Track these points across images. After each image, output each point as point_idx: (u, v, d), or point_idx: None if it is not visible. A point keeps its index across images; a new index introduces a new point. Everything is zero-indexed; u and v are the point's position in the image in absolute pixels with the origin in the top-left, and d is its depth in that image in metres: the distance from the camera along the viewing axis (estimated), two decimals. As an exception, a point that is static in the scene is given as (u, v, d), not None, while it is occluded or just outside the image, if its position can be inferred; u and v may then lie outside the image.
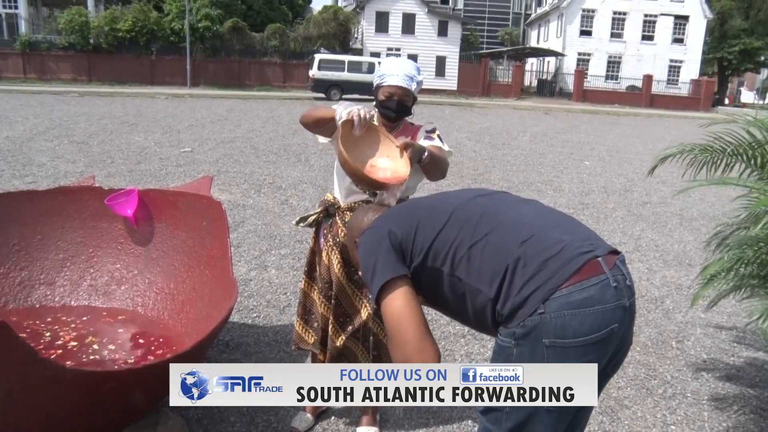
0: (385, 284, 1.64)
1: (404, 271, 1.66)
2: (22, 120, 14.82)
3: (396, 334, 1.63)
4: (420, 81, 2.64)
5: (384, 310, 1.67)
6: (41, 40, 32.73)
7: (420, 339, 1.59)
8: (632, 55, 40.16)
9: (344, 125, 2.26)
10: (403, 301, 1.62)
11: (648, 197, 8.99)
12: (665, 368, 3.78)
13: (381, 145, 2.35)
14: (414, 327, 1.60)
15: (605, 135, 18.36)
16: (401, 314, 1.61)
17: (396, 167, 2.30)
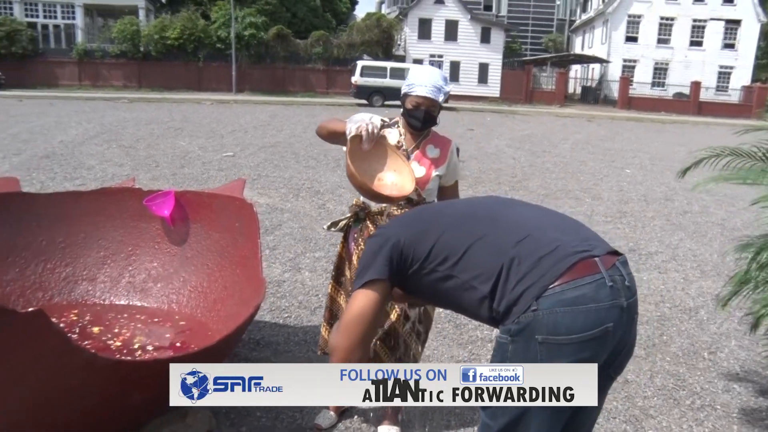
0: (367, 282, 1.75)
1: (386, 277, 1.75)
2: (76, 125, 15.37)
3: (347, 324, 1.75)
4: (447, 91, 2.69)
5: (353, 299, 1.78)
6: (95, 48, 33.90)
7: (359, 342, 1.74)
8: (680, 62, 39.34)
9: (353, 140, 2.35)
10: (372, 306, 1.74)
11: (689, 206, 8.83)
12: (695, 379, 3.74)
13: (389, 159, 2.45)
14: (362, 331, 1.73)
15: (649, 143, 18.05)
16: (363, 314, 1.73)
17: (402, 183, 2.39)
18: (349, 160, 2.30)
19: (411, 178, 2.43)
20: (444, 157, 2.75)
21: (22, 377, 1.93)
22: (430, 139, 2.77)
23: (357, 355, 1.73)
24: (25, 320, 1.79)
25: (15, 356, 1.87)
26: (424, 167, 2.69)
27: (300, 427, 2.98)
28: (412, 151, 2.73)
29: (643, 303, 4.88)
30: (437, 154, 2.74)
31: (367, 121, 2.46)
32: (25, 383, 1.95)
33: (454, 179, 2.84)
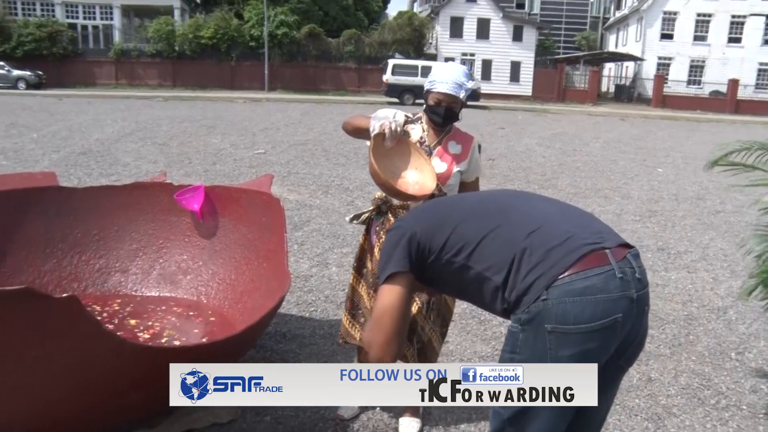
0: (390, 276, 1.78)
1: (408, 269, 1.78)
2: (112, 123, 15.72)
3: (377, 320, 1.79)
4: (469, 88, 2.72)
5: (379, 295, 1.82)
6: (132, 48, 34.59)
7: (392, 336, 1.75)
8: (717, 59, 38.52)
9: (376, 137, 2.41)
10: (398, 298, 1.76)
11: (722, 206, 8.69)
12: (721, 379, 3.70)
13: (411, 157, 2.50)
14: (394, 323, 1.75)
15: (683, 142, 17.77)
16: (390, 308, 1.76)
17: (424, 181, 2.44)
18: (372, 158, 2.35)
19: (432, 177, 2.48)
20: (466, 154, 2.79)
21: (58, 359, 2.02)
22: (452, 136, 2.81)
23: (393, 349, 1.75)
24: (60, 305, 1.89)
25: (50, 339, 1.97)
26: (445, 163, 2.74)
27: (323, 417, 3.04)
28: (435, 147, 2.77)
29: (670, 302, 4.84)
30: (459, 150, 2.79)
31: (390, 118, 2.51)
32: (60, 365, 2.05)
33: (475, 175, 2.87)
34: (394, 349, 1.75)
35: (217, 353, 2.50)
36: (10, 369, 2.01)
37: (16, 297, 1.81)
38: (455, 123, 2.83)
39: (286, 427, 2.94)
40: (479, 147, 2.88)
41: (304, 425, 2.97)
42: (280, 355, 3.66)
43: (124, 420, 2.61)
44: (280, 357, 3.63)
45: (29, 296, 1.79)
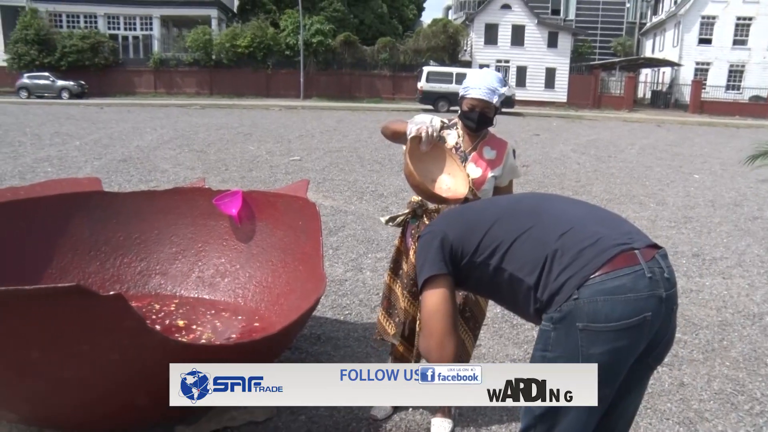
0: (427, 279, 1.84)
1: (446, 270, 1.84)
2: (151, 130, 16.10)
3: (426, 326, 1.85)
4: (502, 93, 2.77)
5: (422, 303, 1.88)
6: (170, 57, 35.34)
7: (444, 335, 1.79)
8: (757, 63, 37.69)
9: (412, 140, 2.49)
10: (440, 298, 1.82)
11: (760, 212, 8.54)
12: (755, 385, 3.67)
13: (445, 163, 2.57)
14: (442, 324, 1.80)
15: (720, 148, 17.47)
16: (435, 310, 1.82)
17: (456, 186, 2.51)
18: (408, 159, 2.43)
19: (465, 183, 2.54)
20: (500, 159, 2.84)
21: (104, 355, 2.13)
22: (487, 141, 2.86)
23: (448, 349, 1.79)
24: (107, 302, 2.00)
25: (98, 335, 2.08)
26: (480, 168, 2.79)
27: (356, 417, 3.11)
28: (470, 153, 2.83)
29: (704, 308, 4.81)
30: (494, 155, 2.84)
31: (427, 123, 2.58)
32: (105, 361, 2.15)
33: (508, 180, 2.92)
34: (450, 349, 1.79)
35: (255, 352, 2.59)
36: (59, 363, 2.13)
37: (67, 294, 1.92)
38: (490, 129, 2.89)
39: (320, 426, 3.02)
40: (514, 152, 2.93)
41: (338, 424, 3.04)
42: (314, 357, 3.75)
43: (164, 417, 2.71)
44: (315, 359, 3.72)
45: (79, 293, 1.89)
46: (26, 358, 2.06)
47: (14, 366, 2.10)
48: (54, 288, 1.90)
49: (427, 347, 1.82)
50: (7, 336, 1.99)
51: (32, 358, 2.07)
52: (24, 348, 2.04)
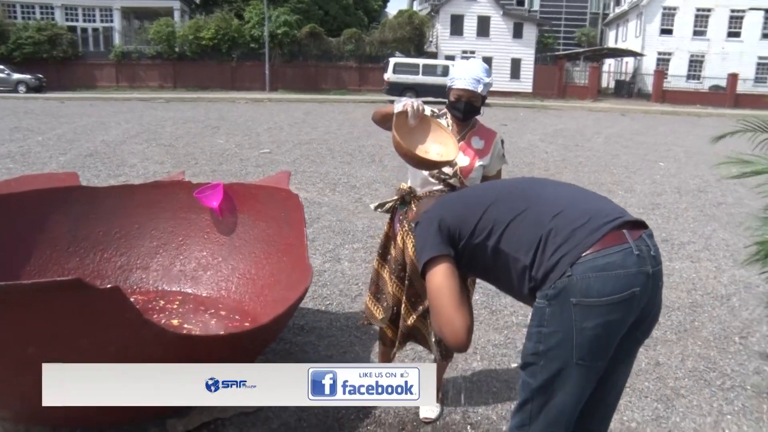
0: (429, 261, 1.89)
1: (446, 251, 1.90)
2: (116, 125, 15.84)
3: (434, 304, 1.90)
4: (488, 83, 2.83)
5: (427, 284, 1.93)
6: (132, 50, 34.65)
7: (452, 310, 1.83)
8: (716, 54, 38.64)
9: (399, 116, 2.58)
10: (442, 276, 1.87)
11: (723, 198, 8.81)
12: (726, 362, 3.83)
13: (433, 133, 2.66)
14: (448, 300, 1.84)
15: (684, 136, 17.88)
16: (439, 288, 1.87)
17: (446, 151, 2.58)
18: (394, 131, 2.50)
19: (455, 147, 2.62)
20: (488, 149, 2.90)
21: (103, 348, 2.13)
22: (475, 131, 2.92)
23: (458, 323, 1.82)
24: (105, 295, 2.00)
25: (97, 328, 2.08)
26: (468, 157, 2.85)
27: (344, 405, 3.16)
28: (458, 142, 2.88)
29: (675, 290, 4.96)
30: (482, 145, 2.90)
31: (412, 100, 2.65)
32: (105, 354, 2.15)
33: (497, 168, 2.99)
34: (460, 323, 1.82)
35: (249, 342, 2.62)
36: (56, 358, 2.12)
37: (67, 288, 1.92)
38: (479, 119, 2.95)
39: (310, 415, 3.05)
40: (502, 142, 3.00)
41: (327, 413, 3.07)
42: (299, 347, 3.77)
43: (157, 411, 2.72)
44: (300, 348, 3.75)
45: (79, 287, 1.89)
46: (22, 355, 2.05)
47: (10, 363, 2.09)
48: (54, 282, 1.90)
49: (438, 325, 1.87)
50: (3, 332, 1.98)
51: (29, 354, 2.06)
52: (20, 344, 2.03)
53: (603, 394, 1.89)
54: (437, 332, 1.91)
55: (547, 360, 1.74)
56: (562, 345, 1.71)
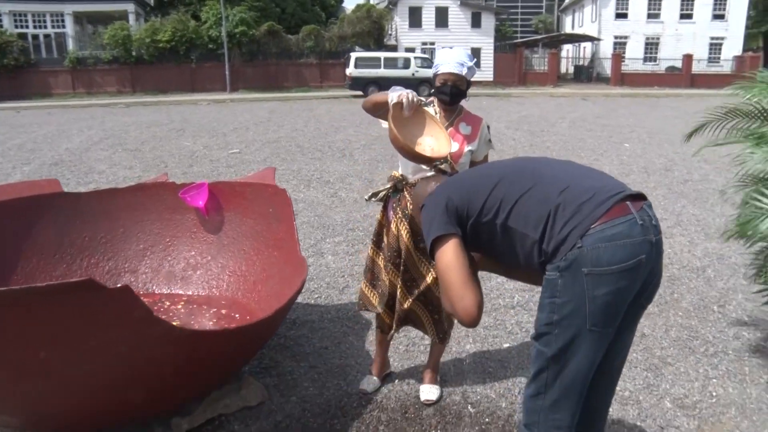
0: (436, 239, 1.96)
1: (454, 230, 1.97)
2: (78, 132, 15.53)
3: (443, 281, 1.96)
4: (471, 66, 2.92)
5: (436, 262, 1.99)
6: (88, 56, 33.89)
7: (461, 286, 1.90)
8: (671, 36, 39.47)
9: (395, 107, 2.63)
10: (451, 254, 1.93)
11: (689, 175, 9.05)
12: (707, 330, 3.97)
13: (426, 126, 2.72)
14: (457, 276, 1.91)
15: (645, 117, 18.25)
16: (448, 265, 1.93)
17: (439, 146, 2.66)
18: (391, 123, 2.54)
19: (447, 142, 2.69)
20: (475, 134, 2.99)
21: (113, 347, 2.14)
22: (462, 118, 3.00)
23: (468, 298, 1.88)
24: (114, 294, 2.01)
25: (105, 328, 2.08)
26: (457, 143, 2.93)
27: (346, 393, 3.21)
28: (447, 128, 2.95)
29: (653, 265, 5.11)
30: (469, 131, 2.98)
31: (407, 91, 2.71)
32: (114, 353, 2.16)
33: (484, 153, 3.07)
34: (470, 298, 1.88)
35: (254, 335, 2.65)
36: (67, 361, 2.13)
37: (78, 289, 1.92)
38: (465, 106, 3.03)
39: (313, 405, 3.10)
40: (488, 127, 3.08)
41: (329, 402, 3.13)
42: (293, 340, 3.81)
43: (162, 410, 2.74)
44: (294, 342, 3.78)
45: (91, 288, 1.90)
46: (34, 359, 2.05)
47: (21, 368, 2.08)
48: (67, 283, 1.89)
49: (449, 302, 1.92)
50: (15, 337, 1.98)
51: (39, 359, 2.06)
52: (32, 349, 2.03)
53: (611, 359, 1.98)
54: (448, 309, 1.96)
55: (562, 329, 1.82)
56: (575, 313, 1.79)
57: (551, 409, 1.90)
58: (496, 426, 2.92)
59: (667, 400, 3.16)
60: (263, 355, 3.57)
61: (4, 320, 1.90)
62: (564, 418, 1.90)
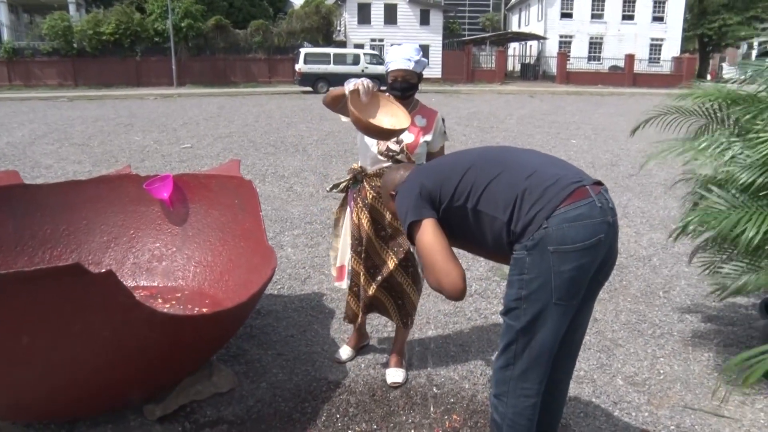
0: (413, 223, 2.08)
1: (429, 214, 2.09)
2: (18, 126, 15.06)
3: (426, 261, 2.07)
4: (419, 60, 3.09)
5: (416, 245, 2.11)
6: (25, 46, 32.71)
7: (445, 262, 2.02)
8: (613, 36, 40.68)
9: (352, 94, 2.80)
10: (430, 235, 2.06)
11: (633, 170, 9.43)
12: (654, 314, 4.22)
13: (383, 107, 2.89)
14: (439, 254, 2.03)
15: (590, 115, 18.82)
16: (428, 245, 2.05)
17: (398, 121, 2.84)
18: (351, 108, 2.71)
19: (405, 117, 2.86)
20: (431, 126, 3.14)
21: (97, 332, 2.17)
22: (418, 111, 3.15)
23: (454, 273, 1.99)
24: (99, 279, 2.05)
25: (90, 313, 2.12)
26: (413, 134, 3.08)
27: (315, 378, 3.29)
28: None
29: (602, 254, 5.36)
30: (425, 123, 3.13)
31: (362, 80, 2.86)
32: (98, 338, 2.20)
33: (440, 145, 3.22)
34: (455, 273, 1.99)
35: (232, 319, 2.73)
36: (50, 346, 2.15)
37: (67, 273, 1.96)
38: (421, 100, 3.18)
39: (284, 390, 3.17)
40: (443, 120, 3.22)
41: (299, 387, 3.21)
42: (260, 329, 3.87)
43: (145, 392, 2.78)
44: (261, 331, 3.84)
45: (77, 272, 1.94)
46: (17, 345, 2.07)
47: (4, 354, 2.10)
48: (54, 268, 1.92)
49: (436, 280, 2.03)
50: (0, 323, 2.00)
51: (22, 344, 2.08)
52: (14, 334, 2.05)
53: (572, 332, 2.15)
54: (435, 286, 2.07)
55: (529, 303, 1.96)
56: (542, 288, 1.94)
57: (520, 378, 2.05)
58: (460, 405, 3.06)
59: (619, 378, 3.36)
60: (230, 344, 3.62)
61: (-10, 305, 1.92)
62: (532, 387, 2.05)
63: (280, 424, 2.89)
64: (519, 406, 2.07)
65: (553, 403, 2.30)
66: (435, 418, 2.94)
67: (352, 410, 3.01)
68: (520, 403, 2.07)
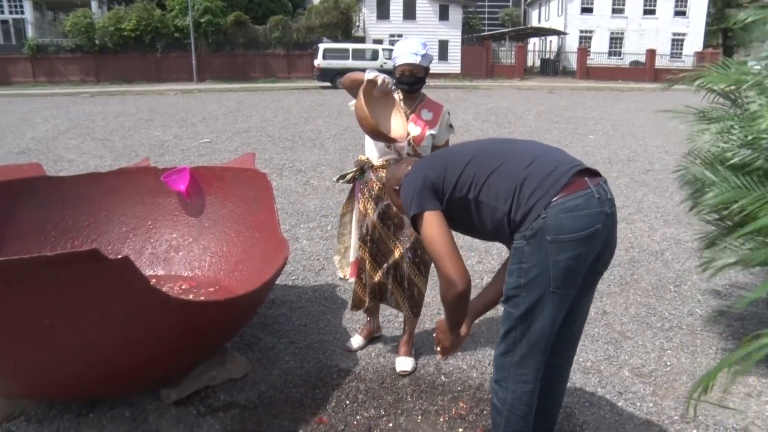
0: (418, 214, 2.14)
1: (433, 205, 2.15)
2: (42, 121, 15.34)
3: (433, 252, 2.13)
4: (425, 54, 3.16)
5: (422, 236, 2.17)
6: (48, 43, 33.19)
7: (451, 253, 2.08)
8: (634, 31, 40.31)
9: (369, 82, 2.90)
10: (437, 225, 2.12)
11: (650, 165, 9.40)
12: (664, 307, 4.24)
13: (390, 110, 2.99)
14: (445, 245, 2.09)
15: (609, 110, 18.70)
16: (436, 235, 2.11)
17: (396, 130, 2.96)
18: (361, 96, 2.81)
19: (404, 129, 2.99)
20: (436, 120, 3.22)
21: (112, 316, 2.27)
22: (425, 105, 3.23)
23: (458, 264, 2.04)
24: (116, 265, 2.14)
25: (107, 298, 2.22)
26: (419, 128, 3.15)
27: (326, 366, 3.37)
28: (409, 114, 3.19)
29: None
30: (431, 117, 3.21)
31: (384, 75, 2.98)
32: (114, 322, 2.30)
33: (445, 138, 3.29)
34: (460, 263, 2.05)
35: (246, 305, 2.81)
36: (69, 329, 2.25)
37: (85, 258, 2.05)
38: (428, 94, 3.25)
39: (294, 377, 3.26)
40: (448, 114, 3.29)
41: (310, 374, 3.29)
42: (273, 318, 3.96)
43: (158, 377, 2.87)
44: (274, 320, 3.93)
45: (96, 258, 2.03)
46: (40, 326, 2.17)
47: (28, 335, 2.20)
48: (73, 253, 2.03)
49: (443, 268, 2.08)
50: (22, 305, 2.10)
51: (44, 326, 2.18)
52: (37, 315, 2.15)
53: (571, 322, 2.20)
54: (443, 274, 2.12)
55: (528, 291, 2.02)
56: (540, 277, 1.99)
57: (519, 364, 2.11)
58: (467, 394, 3.12)
59: (626, 369, 3.40)
60: (245, 333, 3.71)
61: (14, 288, 2.02)
62: (530, 373, 2.11)
63: (290, 409, 2.97)
64: (518, 391, 2.13)
65: (555, 390, 2.35)
66: (442, 406, 3.01)
67: (361, 396, 3.09)
68: (519, 389, 2.13)
